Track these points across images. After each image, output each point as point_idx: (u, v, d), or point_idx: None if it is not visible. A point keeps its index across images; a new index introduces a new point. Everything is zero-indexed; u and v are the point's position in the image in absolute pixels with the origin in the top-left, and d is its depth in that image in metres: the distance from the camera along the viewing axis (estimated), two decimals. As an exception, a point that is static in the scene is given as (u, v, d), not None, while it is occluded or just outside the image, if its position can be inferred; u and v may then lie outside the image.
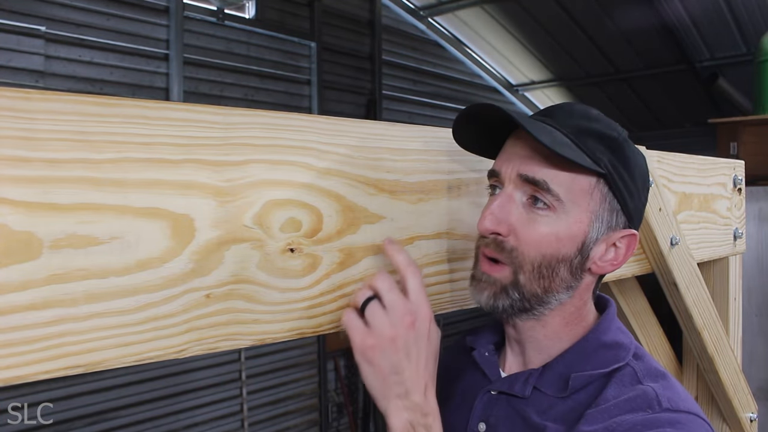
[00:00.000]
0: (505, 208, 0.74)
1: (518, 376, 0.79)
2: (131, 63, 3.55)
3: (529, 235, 0.73)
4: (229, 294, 0.63)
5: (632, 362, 0.76)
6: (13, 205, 0.50)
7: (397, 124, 0.81)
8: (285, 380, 4.35)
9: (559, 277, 0.74)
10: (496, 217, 0.73)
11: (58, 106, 0.53)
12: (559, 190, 0.72)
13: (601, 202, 0.74)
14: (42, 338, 0.51)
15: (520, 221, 0.73)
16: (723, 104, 5.33)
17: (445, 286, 0.85)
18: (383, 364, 0.68)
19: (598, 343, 0.77)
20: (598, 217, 0.74)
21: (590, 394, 0.74)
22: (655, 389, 0.71)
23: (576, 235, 0.74)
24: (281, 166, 0.68)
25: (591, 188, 0.73)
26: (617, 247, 0.77)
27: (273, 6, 4.25)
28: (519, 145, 0.75)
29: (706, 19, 4.77)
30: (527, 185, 0.73)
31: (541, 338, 0.79)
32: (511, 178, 0.74)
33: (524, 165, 0.73)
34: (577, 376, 0.75)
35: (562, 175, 0.72)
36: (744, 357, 1.60)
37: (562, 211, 0.73)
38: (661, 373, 0.76)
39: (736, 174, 1.48)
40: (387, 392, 0.68)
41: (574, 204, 0.73)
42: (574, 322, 0.79)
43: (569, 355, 0.77)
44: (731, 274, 1.52)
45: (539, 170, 0.72)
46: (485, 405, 0.80)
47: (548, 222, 0.73)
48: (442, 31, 5.56)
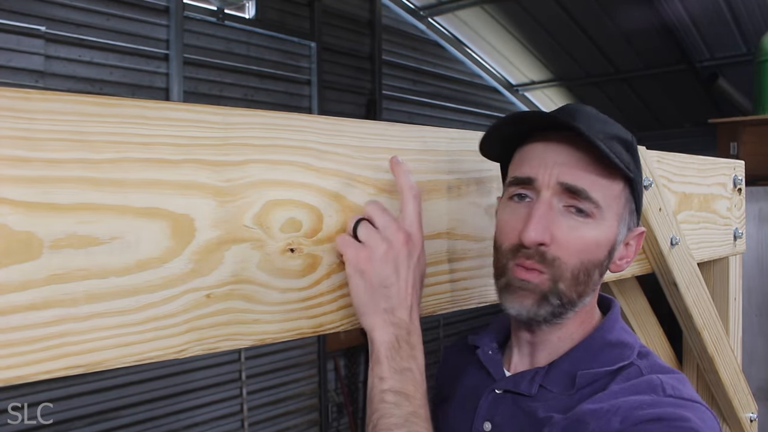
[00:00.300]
0: (548, 216, 0.72)
1: (524, 375, 0.79)
2: (131, 63, 3.55)
3: (573, 244, 0.73)
4: (229, 294, 0.63)
5: (637, 361, 0.77)
6: (13, 205, 0.50)
7: (397, 124, 0.80)
8: (285, 380, 4.34)
9: (593, 281, 0.75)
10: (543, 226, 0.72)
11: (57, 106, 0.53)
12: (598, 196, 0.73)
13: (625, 205, 0.76)
14: (42, 338, 0.51)
15: (561, 230, 0.73)
16: (723, 104, 5.33)
17: (445, 286, 0.85)
18: (374, 276, 0.68)
19: (603, 342, 0.78)
20: (623, 220, 0.76)
21: (595, 389, 0.74)
22: (661, 378, 0.72)
23: (610, 240, 0.75)
24: (281, 166, 0.68)
25: (620, 192, 0.75)
26: (630, 245, 0.80)
27: (273, 6, 4.24)
28: (554, 151, 0.74)
29: (706, 19, 4.77)
30: (566, 193, 0.72)
31: (556, 340, 0.79)
32: (550, 185, 0.73)
33: (564, 173, 0.72)
34: (583, 374, 0.75)
35: (600, 181, 0.73)
36: (744, 357, 1.60)
37: (600, 218, 0.73)
38: (667, 368, 0.77)
39: (736, 174, 1.48)
40: (375, 307, 0.69)
41: (609, 209, 0.74)
42: (586, 321, 0.80)
43: (575, 353, 0.78)
44: (731, 274, 1.52)
45: (580, 178, 0.72)
46: (490, 404, 0.80)
47: (588, 229, 0.73)
48: (442, 31, 5.55)
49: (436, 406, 0.94)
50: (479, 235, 0.89)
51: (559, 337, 0.79)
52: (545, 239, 0.72)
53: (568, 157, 0.73)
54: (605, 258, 0.76)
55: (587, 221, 0.73)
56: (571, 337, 0.79)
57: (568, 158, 0.73)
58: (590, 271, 0.74)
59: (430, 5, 5.26)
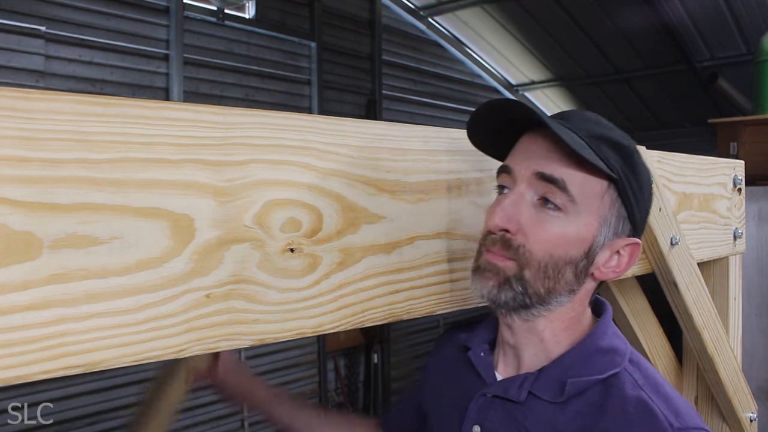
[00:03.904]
0: (517, 206, 0.73)
1: (513, 380, 0.78)
2: (131, 63, 3.56)
3: (539, 234, 0.73)
4: (229, 294, 0.63)
5: (628, 368, 0.76)
6: (13, 205, 0.50)
7: (398, 124, 0.81)
8: (285, 380, 4.35)
9: (564, 279, 0.75)
10: (507, 214, 0.73)
11: (58, 106, 0.53)
12: (574, 191, 0.73)
13: (610, 207, 0.75)
14: (42, 338, 0.51)
15: (530, 220, 0.73)
16: (723, 104, 5.33)
17: (445, 286, 0.85)
18: None
19: (594, 348, 0.77)
20: (606, 222, 0.75)
21: (588, 402, 0.74)
22: (659, 407, 0.71)
23: (585, 238, 0.74)
24: (281, 166, 0.68)
25: (602, 192, 0.74)
26: (620, 255, 0.78)
27: (273, 6, 4.25)
28: (536, 144, 0.75)
29: (706, 19, 4.78)
30: (542, 184, 0.73)
31: (538, 342, 0.78)
32: (525, 176, 0.74)
33: (542, 163, 0.73)
34: (573, 382, 0.74)
35: (578, 176, 0.73)
36: (744, 357, 1.60)
37: (573, 213, 0.73)
38: (659, 382, 0.76)
39: (736, 174, 1.48)
40: None
41: (586, 206, 0.73)
42: (573, 327, 0.79)
43: (565, 360, 0.77)
44: (731, 274, 1.52)
45: (557, 169, 0.73)
46: (480, 408, 0.80)
47: (558, 223, 0.73)
48: (442, 31, 5.56)
49: (427, 401, 0.94)
50: (479, 235, 0.89)
51: (541, 339, 0.78)
52: (509, 226, 0.73)
53: (548, 150, 0.73)
54: (580, 257, 0.74)
55: (558, 215, 0.73)
56: (556, 341, 0.78)
57: (548, 151, 0.73)
58: (560, 266, 0.74)
59: (430, 5, 5.26)
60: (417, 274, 0.81)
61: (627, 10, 4.78)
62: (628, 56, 5.42)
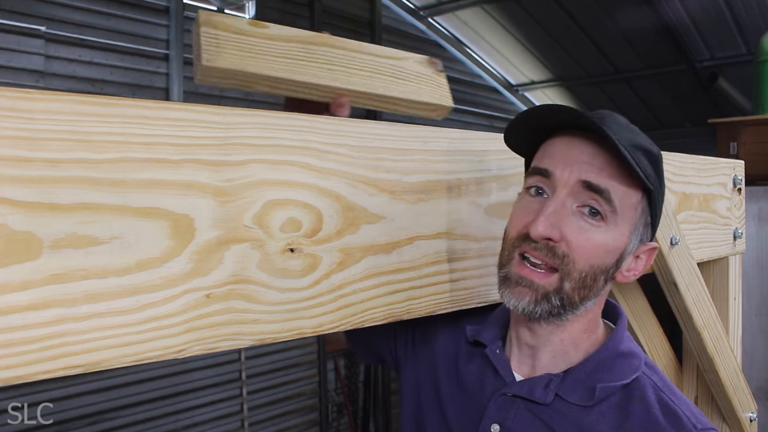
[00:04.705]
0: (559, 214, 0.72)
1: (537, 381, 0.78)
2: (131, 63, 3.55)
3: (582, 244, 0.72)
4: (229, 294, 0.63)
5: (646, 371, 0.77)
6: (13, 205, 0.50)
7: (397, 124, 0.80)
8: (285, 380, 4.35)
9: (597, 286, 0.75)
10: (551, 222, 0.72)
11: (58, 106, 0.53)
12: (616, 201, 0.72)
13: (641, 217, 0.76)
14: (42, 338, 0.51)
15: (573, 230, 0.72)
16: (723, 104, 5.33)
17: (445, 286, 0.85)
18: None
19: (616, 352, 0.78)
20: (636, 230, 0.76)
21: (611, 404, 0.74)
22: (684, 411, 0.73)
23: (619, 247, 0.75)
24: (281, 166, 0.68)
25: (638, 203, 0.75)
26: (639, 259, 0.79)
27: (273, 6, 4.25)
28: (577, 149, 0.74)
29: (706, 19, 4.77)
30: (587, 193, 0.72)
31: (558, 343, 0.79)
32: (568, 183, 0.73)
33: (587, 172, 0.72)
34: (603, 387, 0.75)
35: (620, 188, 0.73)
36: (744, 357, 1.60)
37: (612, 223, 0.73)
38: (672, 385, 0.78)
39: (736, 174, 1.48)
40: None
41: (623, 216, 0.74)
42: (591, 329, 0.80)
43: (590, 364, 0.77)
44: (731, 274, 1.52)
45: (603, 179, 0.72)
46: (499, 407, 0.79)
47: (599, 233, 0.73)
48: (442, 31, 5.55)
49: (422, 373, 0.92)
50: (479, 235, 0.89)
51: (562, 340, 0.78)
52: (553, 235, 0.72)
53: (592, 158, 0.73)
54: (612, 265, 0.75)
55: (599, 224, 0.73)
56: (576, 344, 0.79)
57: (592, 158, 0.73)
58: (596, 276, 0.74)
59: (430, 5, 5.26)
60: (417, 274, 0.81)
61: (627, 10, 4.78)
62: (628, 56, 5.41)
